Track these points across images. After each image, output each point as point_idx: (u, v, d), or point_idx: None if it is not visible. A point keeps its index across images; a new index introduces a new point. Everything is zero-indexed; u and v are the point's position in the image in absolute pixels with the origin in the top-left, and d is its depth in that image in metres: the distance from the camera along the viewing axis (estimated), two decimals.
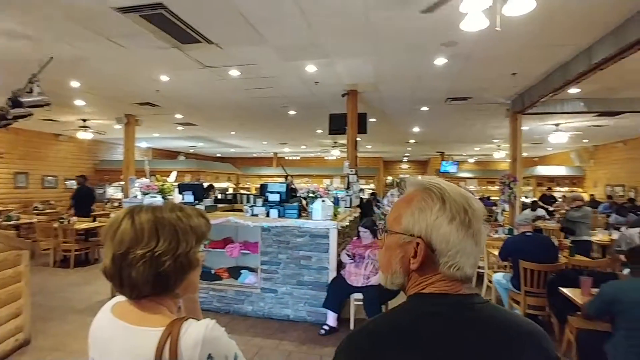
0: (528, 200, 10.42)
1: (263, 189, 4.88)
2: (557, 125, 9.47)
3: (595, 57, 4.30)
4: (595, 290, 2.99)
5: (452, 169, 17.54)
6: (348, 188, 6.20)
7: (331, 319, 3.94)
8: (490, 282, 4.94)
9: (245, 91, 6.79)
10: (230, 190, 14.47)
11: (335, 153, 14.70)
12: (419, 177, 0.82)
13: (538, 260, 3.88)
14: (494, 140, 12.88)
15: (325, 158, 19.48)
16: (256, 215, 4.47)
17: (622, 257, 4.25)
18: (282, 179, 8.70)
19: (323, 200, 4.31)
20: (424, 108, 8.02)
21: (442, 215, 0.73)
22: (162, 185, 4.97)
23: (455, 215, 0.73)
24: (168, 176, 5.29)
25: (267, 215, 4.44)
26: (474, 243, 0.74)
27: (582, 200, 6.40)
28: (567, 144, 13.40)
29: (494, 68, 5.33)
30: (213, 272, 4.73)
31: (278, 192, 4.54)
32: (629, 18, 3.65)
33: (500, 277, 4.51)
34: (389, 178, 21.88)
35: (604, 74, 4.76)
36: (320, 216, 4.22)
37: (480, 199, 13.63)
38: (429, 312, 0.73)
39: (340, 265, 4.19)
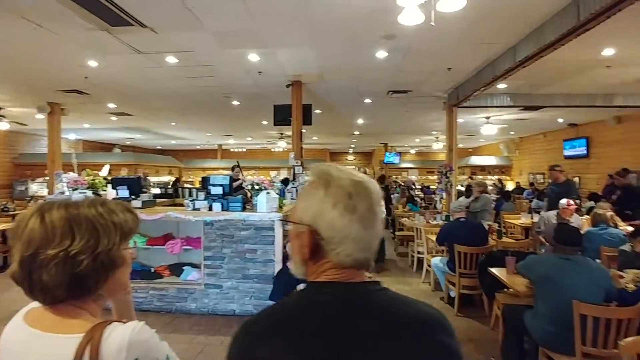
0: (463, 188, 11.13)
1: (205, 182, 4.70)
2: (487, 118, 10.20)
3: (520, 55, 4.67)
4: None
5: (395, 159, 18.23)
6: (294, 179, 6.20)
7: None
8: (429, 266, 5.24)
9: (185, 80, 6.47)
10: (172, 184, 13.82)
11: (282, 145, 14.61)
12: (321, 164, 0.80)
13: (470, 244, 4.18)
14: (433, 132, 13.58)
15: (272, 150, 19.31)
16: (198, 209, 4.31)
17: (541, 238, 4.72)
18: (227, 172, 8.44)
19: (268, 193, 4.26)
20: (368, 100, 8.22)
21: (326, 202, 0.72)
22: (93, 179, 4.61)
23: (338, 200, 0.72)
24: (100, 170, 4.90)
25: (210, 209, 4.30)
26: (361, 227, 0.71)
27: (484, 187, 6.91)
28: (496, 136, 14.54)
29: (431, 63, 5.59)
30: (153, 270, 4.50)
31: (221, 185, 4.41)
32: (548, 20, 4.00)
33: (437, 261, 4.80)
34: None
35: (527, 71, 5.19)
36: (265, 208, 4.17)
37: (421, 188, 14.37)
38: (314, 301, 0.72)
39: (286, 257, 4.19)
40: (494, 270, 3.56)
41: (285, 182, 8.93)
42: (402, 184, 13.74)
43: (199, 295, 4.26)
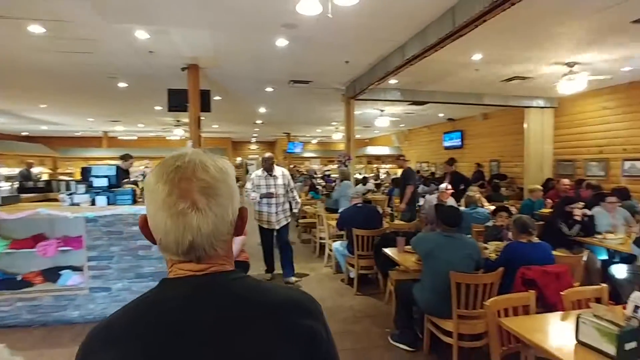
0: (360, 177, 11.88)
1: (86, 174, 4.14)
2: (381, 111, 10.99)
3: (407, 53, 5.11)
4: (408, 247, 3.64)
5: (298, 149, 18.53)
6: None
7: None
8: (331, 250, 5.48)
9: (57, 54, 5.55)
10: (45, 177, 11.90)
11: (179, 133, 13.65)
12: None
13: (367, 227, 4.49)
14: (333, 123, 14.14)
15: (168, 138, 17.91)
16: (77, 204, 3.78)
17: (424, 218, 5.27)
18: (115, 161, 7.55)
19: None
20: (269, 89, 8.14)
21: (146, 191, 0.70)
22: None
23: (148, 184, 0.70)
24: None
25: (93, 203, 3.80)
26: (166, 216, 0.66)
27: (345, 175, 7.54)
28: (389, 128, 15.81)
29: (330, 55, 5.76)
30: (20, 278, 3.82)
31: (106, 177, 3.93)
32: (431, 23, 4.44)
33: (338, 245, 5.05)
34: (239, 159, 21.69)
35: (414, 69, 5.71)
36: None
37: (322, 177, 14.88)
38: (152, 301, 0.68)
39: None
40: (387, 250, 3.89)
41: None
42: (305, 172, 14.07)
43: (83, 301, 3.77)
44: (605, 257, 4.32)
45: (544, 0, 3.81)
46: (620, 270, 3.73)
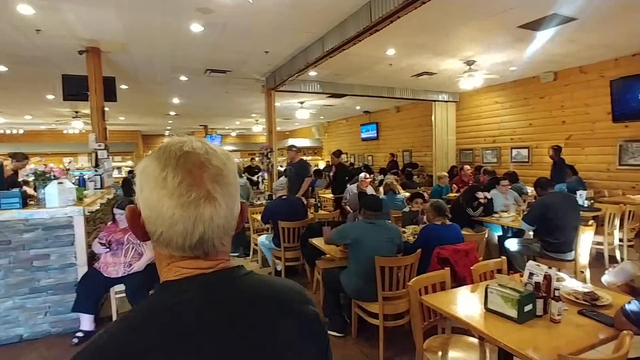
0: (283, 169, 11.86)
1: None
2: (301, 103, 11.06)
3: (327, 45, 5.17)
4: None
5: (216, 142, 17.79)
6: (97, 166, 5.24)
7: (86, 322, 3.30)
8: (256, 244, 5.38)
9: None
10: None
11: (78, 125, 12.11)
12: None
13: (292, 219, 4.49)
14: (253, 115, 13.84)
15: (65, 132, 15.87)
16: None
17: (348, 208, 5.46)
18: None
19: (60, 183, 3.45)
20: (183, 78, 7.63)
21: (145, 174, 0.63)
22: None
23: (153, 172, 0.62)
24: None
25: None
26: (175, 206, 0.60)
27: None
28: (309, 120, 16.00)
29: (249, 43, 5.58)
30: None
31: None
32: (349, 16, 4.54)
33: (264, 239, 4.97)
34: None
35: (334, 61, 5.82)
36: (57, 202, 3.37)
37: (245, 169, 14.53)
38: (165, 309, 0.60)
39: (92, 257, 3.53)
40: (313, 240, 3.93)
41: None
42: None
43: None
44: (500, 233, 4.93)
45: (449, 2, 4.15)
46: (512, 244, 4.28)
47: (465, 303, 2.25)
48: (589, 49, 6.02)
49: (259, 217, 5.12)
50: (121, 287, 3.38)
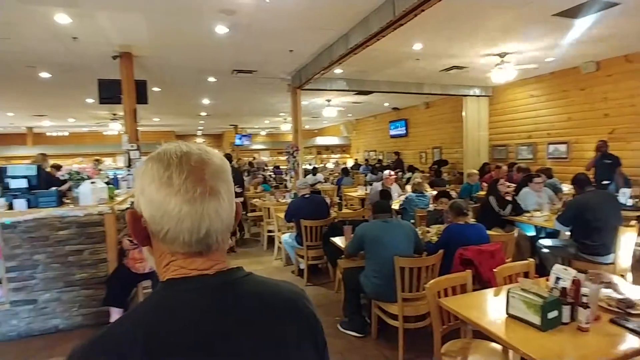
0: (310, 167, 11.90)
1: (0, 174, 3.69)
2: (328, 101, 11.03)
3: (351, 42, 5.11)
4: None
5: (246, 141, 18.11)
6: (129, 166, 5.47)
7: (116, 315, 3.45)
8: (280, 243, 5.42)
9: None
10: None
11: (116, 127, 12.74)
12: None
13: (314, 218, 4.48)
14: (281, 114, 13.96)
15: (104, 133, 16.70)
16: None
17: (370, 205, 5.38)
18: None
19: (93, 182, 3.63)
20: (212, 79, 7.81)
21: (146, 176, 0.64)
22: None
23: (156, 172, 0.63)
24: None
25: (10, 207, 3.41)
26: (182, 202, 0.61)
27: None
28: (337, 118, 15.93)
29: (273, 43, 5.62)
30: None
31: (25, 177, 3.54)
32: (372, 12, 4.46)
33: (287, 237, 5.00)
34: None
35: (358, 58, 5.74)
36: (90, 201, 3.55)
37: (272, 168, 14.71)
38: (171, 307, 0.61)
39: (122, 254, 3.69)
40: (335, 239, 3.91)
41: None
42: (255, 166, 13.80)
43: (3, 317, 3.38)
44: (533, 233, 4.69)
45: None
46: (545, 245, 4.06)
47: (486, 307, 2.15)
48: (635, 36, 5.59)
49: (282, 215, 5.15)
50: (148, 282, 3.51)
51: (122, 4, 4.05)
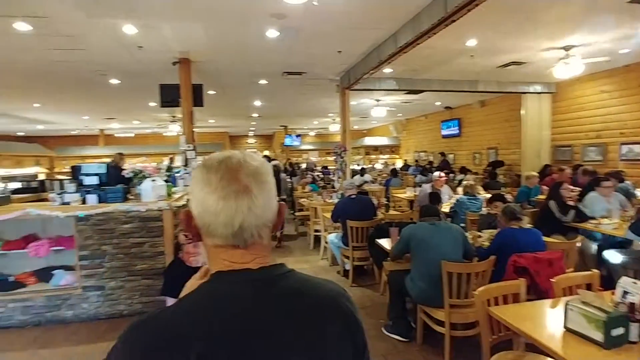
0: (358, 167, 11.84)
1: (76, 172, 4.11)
2: (377, 101, 10.90)
3: (400, 41, 5.02)
4: None
5: (295, 142, 18.43)
6: (186, 165, 5.82)
7: None
8: (326, 242, 5.46)
9: (44, 52, 5.48)
10: (43, 177, 11.86)
11: (175, 128, 13.55)
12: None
13: (360, 219, 4.46)
14: (330, 114, 14.03)
15: (164, 134, 17.85)
16: (68, 203, 3.75)
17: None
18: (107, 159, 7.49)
19: (153, 180, 3.90)
20: (263, 81, 8.06)
21: (195, 183, 0.72)
22: None
23: (199, 175, 0.72)
24: None
25: (84, 202, 3.78)
26: (218, 199, 0.68)
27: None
28: (386, 118, 15.67)
29: (322, 44, 5.67)
30: (12, 279, 3.81)
31: (96, 174, 3.90)
32: (423, 9, 4.35)
33: (333, 237, 5.03)
34: None
35: (408, 56, 5.62)
36: (151, 197, 3.83)
37: (320, 169, 14.85)
38: (218, 297, 0.67)
39: (178, 248, 3.93)
40: (380, 241, 3.86)
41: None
42: (304, 166, 14.02)
43: (76, 300, 3.76)
44: (600, 242, 4.29)
45: None
46: (614, 256, 3.70)
47: (541, 319, 2.01)
48: None
49: (329, 215, 5.19)
50: None
51: (182, 13, 4.32)
